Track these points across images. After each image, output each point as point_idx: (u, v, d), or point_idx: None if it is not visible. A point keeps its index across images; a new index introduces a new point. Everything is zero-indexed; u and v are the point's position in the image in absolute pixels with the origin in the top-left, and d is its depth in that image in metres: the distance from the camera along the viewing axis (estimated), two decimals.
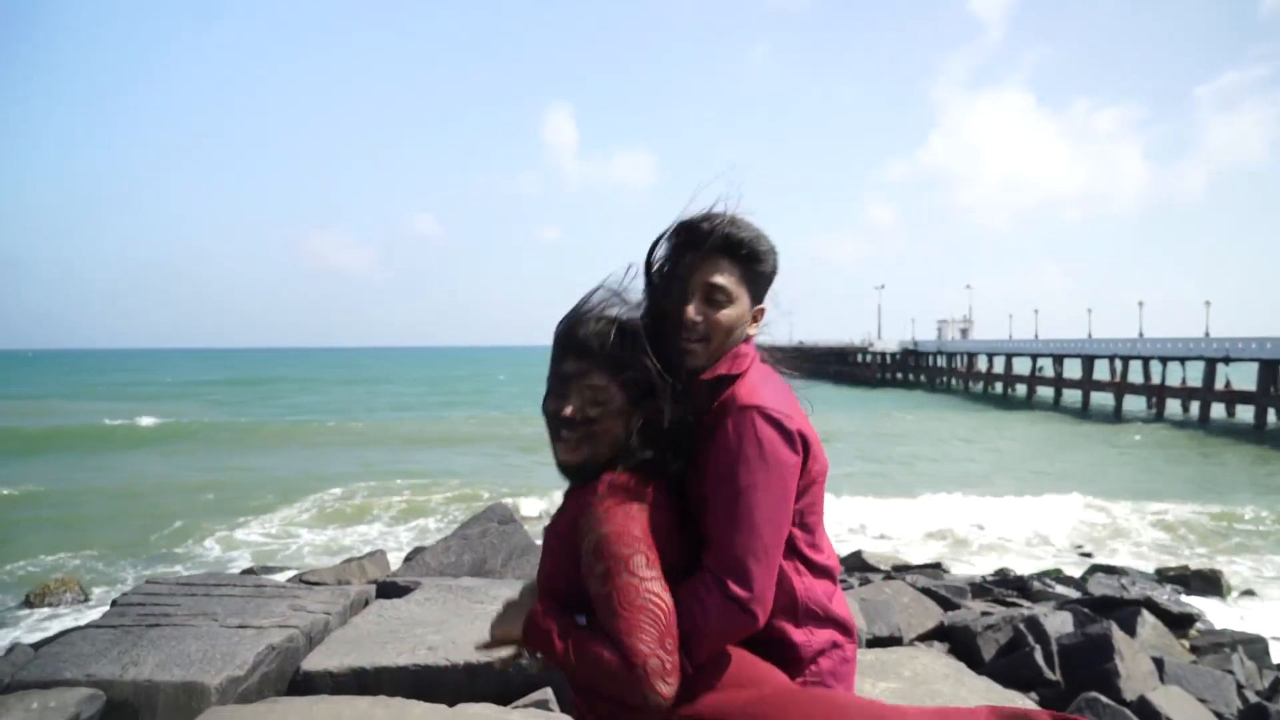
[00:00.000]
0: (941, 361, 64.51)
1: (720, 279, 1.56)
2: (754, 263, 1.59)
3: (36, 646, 5.07)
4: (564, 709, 3.31)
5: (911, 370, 69.00)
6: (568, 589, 1.47)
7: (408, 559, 8.09)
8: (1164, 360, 42.33)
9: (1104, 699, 5.17)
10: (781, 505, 1.48)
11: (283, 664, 3.85)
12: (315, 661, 3.59)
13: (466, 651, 3.58)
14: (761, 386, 1.54)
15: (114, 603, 4.65)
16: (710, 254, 1.57)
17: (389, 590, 4.56)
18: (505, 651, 1.58)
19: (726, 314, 1.57)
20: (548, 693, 3.32)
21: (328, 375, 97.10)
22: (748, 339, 1.63)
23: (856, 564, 11.28)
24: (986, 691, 4.30)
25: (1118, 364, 45.37)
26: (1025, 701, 4.73)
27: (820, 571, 1.59)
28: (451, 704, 3.22)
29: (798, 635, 1.54)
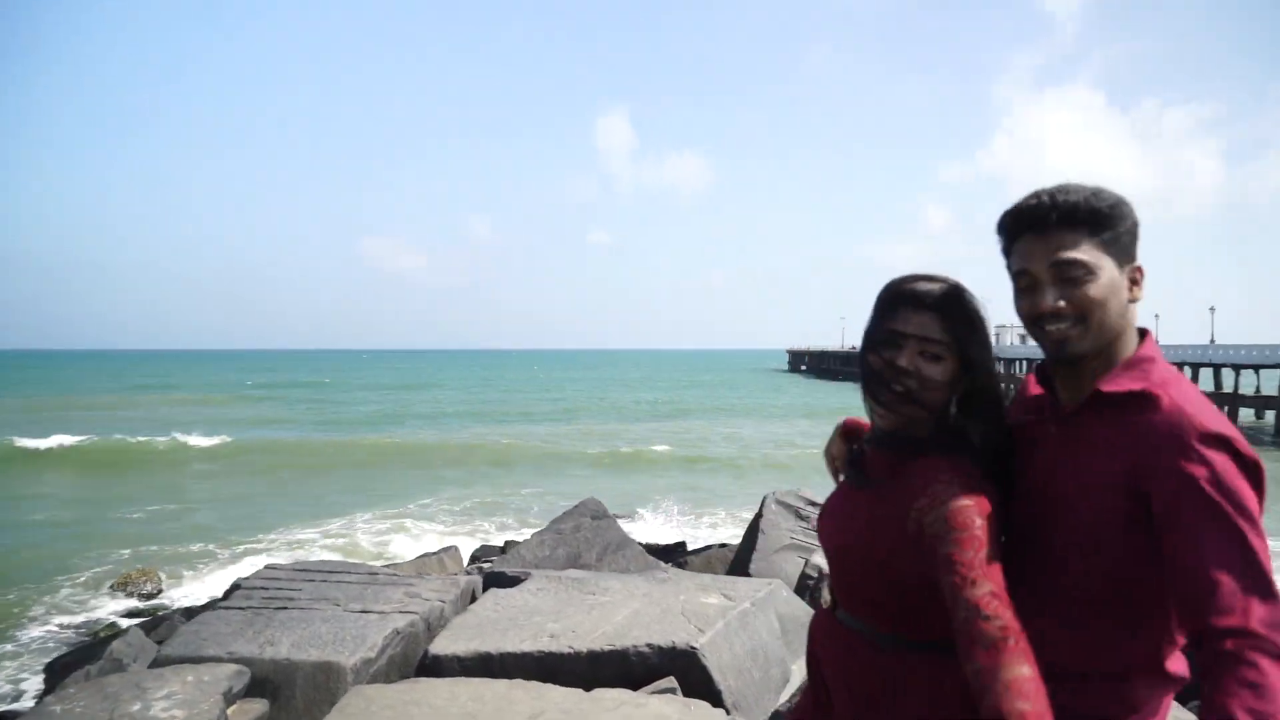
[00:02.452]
0: (999, 367, 63.17)
1: (1070, 254, 1.33)
2: (1104, 224, 1.34)
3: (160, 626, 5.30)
4: (688, 694, 3.38)
5: None
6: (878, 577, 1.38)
7: (501, 552, 8.27)
8: (1237, 368, 40.91)
9: None
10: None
11: (405, 648, 4.00)
12: (442, 646, 3.72)
13: (587, 639, 3.67)
14: (1210, 407, 1.29)
15: (235, 586, 4.86)
16: (1047, 231, 1.35)
17: (498, 580, 4.69)
18: None
19: (1093, 289, 1.33)
20: (672, 681, 3.39)
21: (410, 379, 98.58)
22: (1141, 336, 1.42)
23: None
24: None
25: (1186, 371, 43.96)
26: None
27: None
28: (580, 689, 3.32)
29: None
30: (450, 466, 23.11)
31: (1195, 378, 43.64)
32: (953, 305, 1.40)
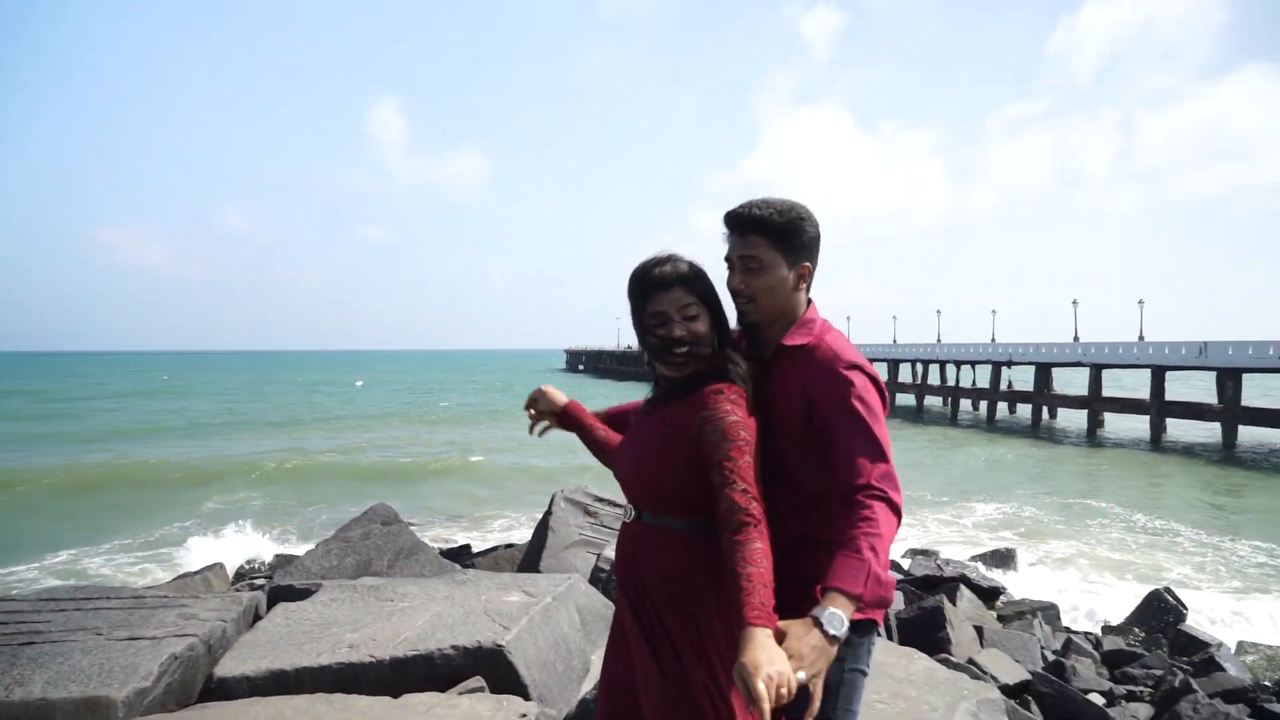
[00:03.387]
0: None
1: (750, 251, 1.93)
2: (779, 233, 1.92)
3: None
4: (495, 691, 3.43)
5: None
6: (673, 472, 1.87)
7: (275, 566, 7.72)
8: (958, 364, 46.82)
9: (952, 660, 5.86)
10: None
11: (185, 674, 3.71)
12: (229, 667, 3.49)
13: (389, 647, 3.61)
14: (850, 347, 1.94)
15: None
16: (744, 232, 1.94)
17: (286, 594, 4.45)
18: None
19: (763, 279, 1.93)
20: (480, 680, 3.42)
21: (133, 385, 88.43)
22: (808, 303, 2.01)
23: None
24: None
25: (919, 367, 49.70)
26: None
27: None
28: (387, 696, 3.26)
29: None
30: (197, 484, 21.17)
31: (925, 374, 49.38)
32: (686, 274, 1.92)
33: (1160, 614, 9.88)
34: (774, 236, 1.91)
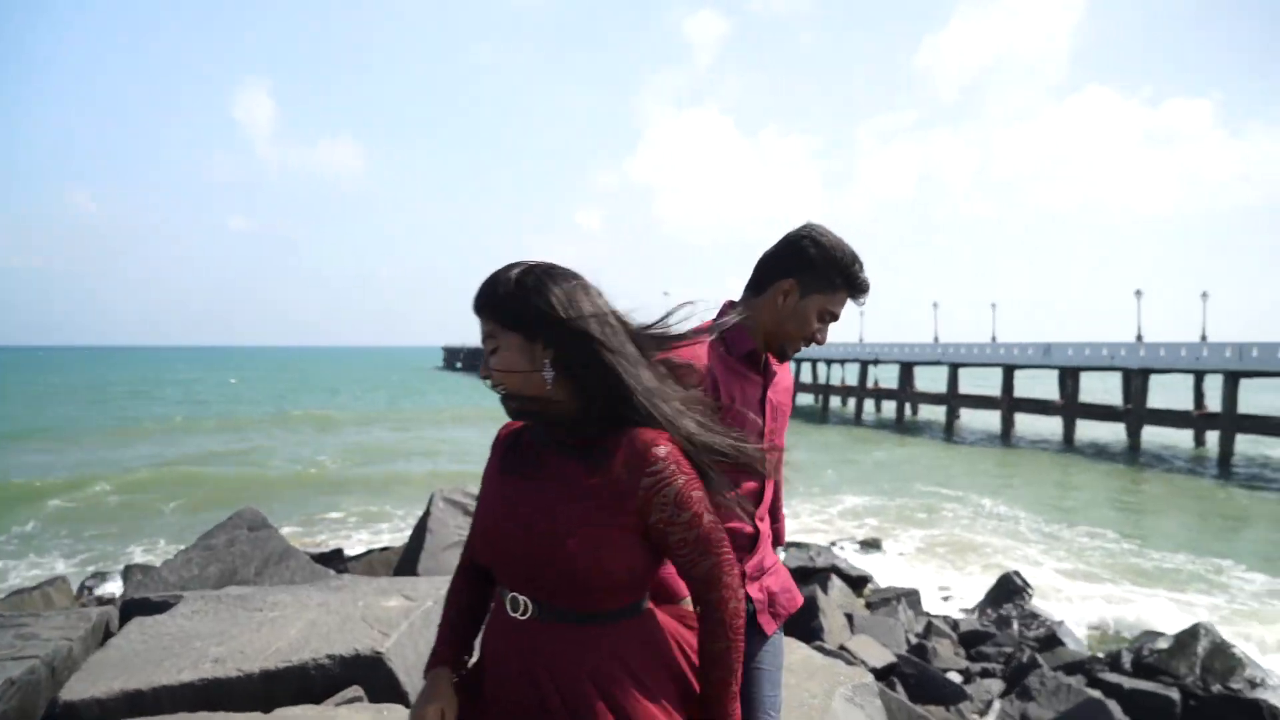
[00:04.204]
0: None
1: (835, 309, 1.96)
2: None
3: None
4: (374, 700, 3.32)
5: None
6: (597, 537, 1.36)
7: (126, 577, 7.16)
8: (829, 362, 48.81)
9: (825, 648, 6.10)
10: None
11: (24, 699, 3.40)
12: (77, 690, 3.21)
13: (259, 659, 3.42)
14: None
15: None
16: (851, 293, 1.97)
17: (142, 607, 4.14)
18: None
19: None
20: (358, 690, 3.30)
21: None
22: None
23: None
24: None
25: (791, 365, 51.49)
26: None
27: None
28: (258, 711, 3.09)
29: None
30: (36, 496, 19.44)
31: (798, 372, 51.18)
32: (489, 297, 1.41)
33: (1010, 595, 10.62)
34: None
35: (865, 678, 3.78)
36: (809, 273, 1.84)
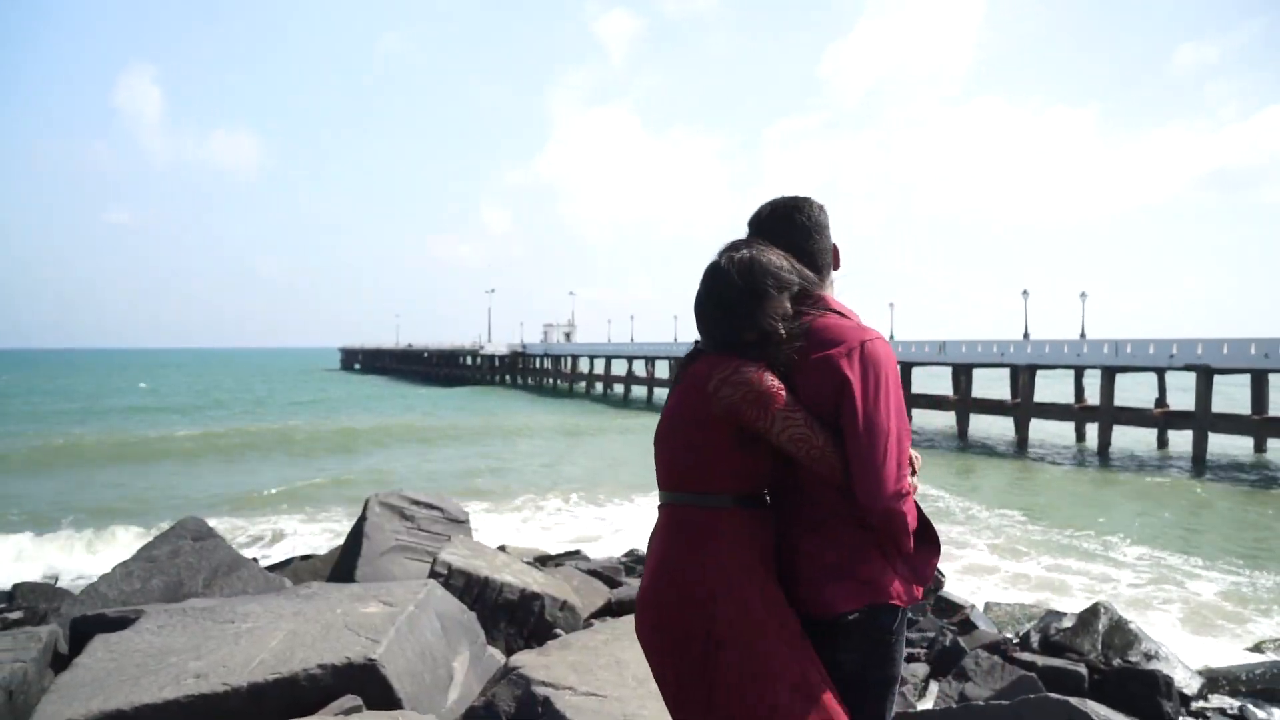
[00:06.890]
0: (547, 364, 68.18)
1: None
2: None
3: None
4: (371, 708, 3.29)
5: (519, 372, 72.10)
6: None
7: (53, 594, 6.68)
8: None
9: None
10: None
11: None
12: (52, 713, 3.07)
13: (243, 673, 3.34)
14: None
15: None
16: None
17: (96, 625, 3.94)
18: None
19: None
20: (355, 698, 3.26)
21: None
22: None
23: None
24: None
25: (657, 363, 52.36)
26: None
27: None
28: None
29: None
30: None
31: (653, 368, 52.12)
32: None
33: None
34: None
35: None
36: None
